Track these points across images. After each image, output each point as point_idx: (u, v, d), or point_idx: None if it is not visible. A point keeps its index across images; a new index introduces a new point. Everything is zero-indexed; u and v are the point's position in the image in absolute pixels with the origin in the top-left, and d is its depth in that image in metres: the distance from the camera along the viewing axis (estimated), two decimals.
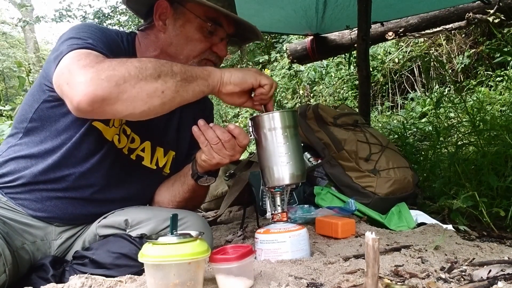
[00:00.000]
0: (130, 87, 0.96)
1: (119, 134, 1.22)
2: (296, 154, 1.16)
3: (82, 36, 1.09)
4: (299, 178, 1.17)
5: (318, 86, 6.93)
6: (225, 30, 1.25)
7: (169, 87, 1.01)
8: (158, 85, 0.99)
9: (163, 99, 1.00)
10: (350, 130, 1.92)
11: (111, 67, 0.96)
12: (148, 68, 0.99)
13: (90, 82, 0.93)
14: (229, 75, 1.11)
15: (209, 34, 1.24)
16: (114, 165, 1.23)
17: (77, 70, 0.96)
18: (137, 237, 1.14)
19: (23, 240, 1.14)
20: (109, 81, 0.93)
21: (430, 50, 5.98)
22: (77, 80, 0.94)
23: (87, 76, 0.93)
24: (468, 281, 0.92)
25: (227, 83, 1.11)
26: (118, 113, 0.99)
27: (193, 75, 1.06)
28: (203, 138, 1.14)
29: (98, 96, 0.93)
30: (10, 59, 11.23)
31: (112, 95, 0.94)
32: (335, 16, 3.42)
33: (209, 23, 1.22)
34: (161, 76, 1.00)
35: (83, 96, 0.93)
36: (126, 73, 0.95)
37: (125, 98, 0.96)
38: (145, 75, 0.98)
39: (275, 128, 1.14)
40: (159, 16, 1.24)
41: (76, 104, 0.95)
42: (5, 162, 1.21)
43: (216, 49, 1.25)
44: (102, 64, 0.96)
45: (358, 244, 1.32)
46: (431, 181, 2.28)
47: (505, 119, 2.39)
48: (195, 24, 1.22)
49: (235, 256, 0.90)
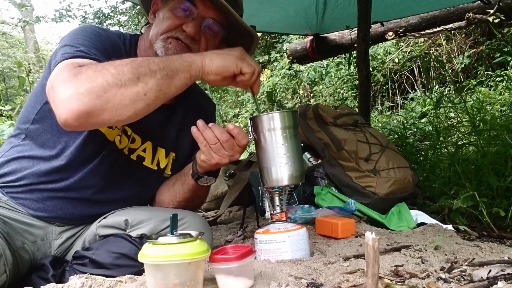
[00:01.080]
0: (112, 96, 0.94)
1: (120, 135, 1.22)
2: (295, 155, 1.15)
3: (76, 43, 1.08)
4: (297, 179, 1.16)
5: (318, 86, 6.93)
6: (199, 12, 1.20)
7: (150, 88, 0.98)
8: (139, 89, 0.97)
9: (147, 101, 0.99)
10: (350, 130, 1.92)
11: (88, 78, 0.94)
12: (125, 73, 0.96)
13: (71, 98, 0.92)
14: (210, 63, 1.07)
15: (181, 12, 1.20)
16: (115, 165, 1.23)
17: (58, 86, 0.95)
18: (137, 237, 1.14)
19: (24, 240, 1.14)
20: (90, 94, 0.93)
21: (430, 50, 5.98)
22: (59, 97, 0.94)
23: (68, 92, 0.93)
24: (468, 281, 0.92)
25: (209, 72, 1.08)
26: (106, 122, 0.99)
27: (173, 69, 1.03)
28: (201, 139, 1.14)
29: (82, 111, 0.93)
30: (10, 59, 11.22)
31: (96, 108, 0.94)
32: (335, 16, 3.42)
33: (183, 3, 1.19)
34: (140, 78, 0.97)
35: (67, 113, 0.93)
36: (104, 82, 0.94)
37: (109, 108, 0.95)
38: (124, 81, 0.96)
39: (274, 128, 1.14)
40: (153, 11, 1.26)
41: (63, 121, 0.95)
42: (7, 161, 1.21)
43: (185, 27, 1.19)
44: (79, 76, 0.95)
45: (358, 244, 1.32)
46: (431, 181, 2.28)
47: (505, 119, 2.39)
48: (171, 5, 1.21)
49: (235, 256, 0.90)
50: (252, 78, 1.13)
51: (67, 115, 0.93)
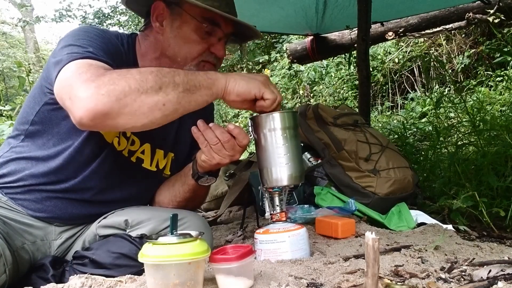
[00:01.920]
0: (131, 101, 0.94)
1: (119, 136, 1.22)
2: (295, 155, 1.15)
3: (82, 43, 1.07)
4: (297, 179, 1.16)
5: (318, 86, 6.93)
6: (223, 30, 1.23)
7: (170, 99, 0.98)
8: (159, 98, 0.97)
9: (165, 111, 0.99)
10: (350, 130, 1.92)
11: (111, 80, 0.94)
12: (149, 81, 0.96)
13: (91, 97, 0.92)
14: (233, 84, 1.07)
15: (206, 35, 1.22)
16: (114, 167, 1.23)
17: (78, 84, 0.95)
18: (137, 237, 1.14)
19: (23, 240, 1.14)
20: (110, 96, 0.92)
21: (430, 50, 5.98)
22: (78, 95, 0.94)
23: (88, 92, 0.93)
24: (468, 281, 0.92)
25: (231, 92, 1.07)
26: (120, 126, 0.99)
27: (196, 85, 1.03)
28: (202, 139, 1.14)
29: (99, 112, 0.93)
30: (10, 59, 11.21)
31: (113, 110, 0.93)
32: (335, 16, 3.43)
33: (205, 24, 1.20)
34: (162, 88, 0.97)
35: (85, 111, 0.93)
36: (126, 86, 0.94)
37: (127, 112, 0.95)
38: (146, 88, 0.96)
39: (274, 128, 1.14)
40: (156, 17, 1.23)
41: (78, 119, 0.95)
42: (6, 162, 1.21)
43: (214, 49, 1.23)
44: (102, 78, 0.95)
45: (358, 244, 1.32)
46: (431, 181, 2.28)
47: (505, 119, 2.39)
48: (192, 25, 1.21)
49: (235, 256, 0.90)
50: (272, 105, 1.12)
51: (84, 113, 0.93)
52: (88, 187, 1.21)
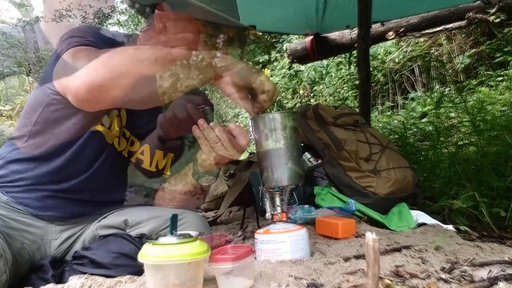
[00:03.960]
0: (127, 73, 0.94)
1: (119, 137, 1.22)
2: (295, 155, 1.15)
3: (83, 34, 1.09)
4: (297, 179, 1.16)
5: (318, 86, 6.93)
6: (225, 34, 1.23)
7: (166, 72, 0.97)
8: (156, 69, 0.96)
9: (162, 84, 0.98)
10: (350, 130, 1.92)
11: (107, 54, 0.96)
12: (145, 53, 0.97)
13: (87, 71, 0.94)
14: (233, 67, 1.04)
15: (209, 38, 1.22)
16: (114, 168, 1.23)
17: (75, 62, 0.97)
18: (137, 237, 1.14)
19: (23, 240, 1.14)
20: (105, 67, 0.94)
21: (430, 50, 5.98)
22: (75, 71, 0.95)
23: (84, 67, 0.94)
24: (468, 281, 0.92)
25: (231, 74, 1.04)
26: (117, 99, 0.98)
27: None
28: (203, 138, 1.14)
29: (95, 83, 0.93)
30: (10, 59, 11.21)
31: (109, 82, 0.94)
32: (335, 16, 3.43)
33: (209, 28, 1.21)
34: (159, 61, 0.97)
35: (81, 84, 0.94)
36: (122, 59, 0.95)
37: (122, 84, 0.95)
38: (142, 60, 0.96)
39: (275, 128, 1.14)
40: (160, 18, 1.23)
41: (74, 92, 0.96)
42: (8, 163, 1.22)
43: None
44: (98, 54, 0.96)
45: (358, 244, 1.32)
46: (431, 181, 2.28)
47: (505, 119, 2.39)
48: (195, 28, 1.21)
49: (235, 256, 0.90)
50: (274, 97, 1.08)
51: (80, 86, 0.94)
52: (88, 188, 1.21)
